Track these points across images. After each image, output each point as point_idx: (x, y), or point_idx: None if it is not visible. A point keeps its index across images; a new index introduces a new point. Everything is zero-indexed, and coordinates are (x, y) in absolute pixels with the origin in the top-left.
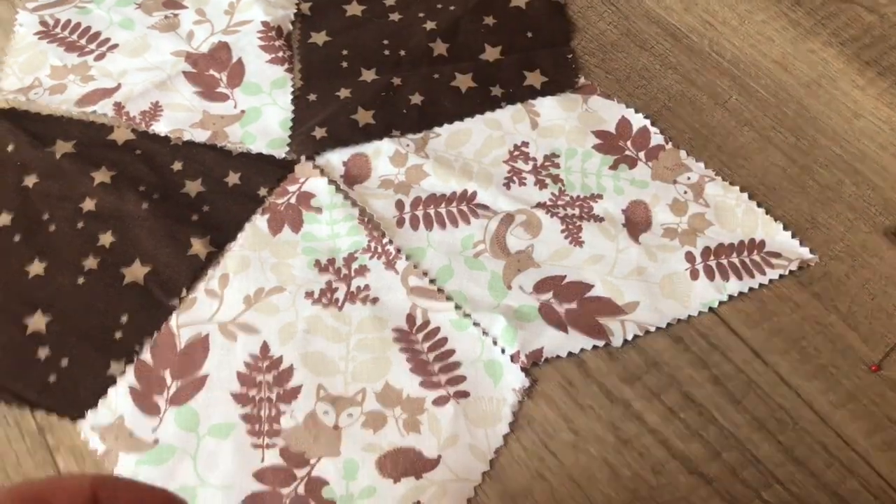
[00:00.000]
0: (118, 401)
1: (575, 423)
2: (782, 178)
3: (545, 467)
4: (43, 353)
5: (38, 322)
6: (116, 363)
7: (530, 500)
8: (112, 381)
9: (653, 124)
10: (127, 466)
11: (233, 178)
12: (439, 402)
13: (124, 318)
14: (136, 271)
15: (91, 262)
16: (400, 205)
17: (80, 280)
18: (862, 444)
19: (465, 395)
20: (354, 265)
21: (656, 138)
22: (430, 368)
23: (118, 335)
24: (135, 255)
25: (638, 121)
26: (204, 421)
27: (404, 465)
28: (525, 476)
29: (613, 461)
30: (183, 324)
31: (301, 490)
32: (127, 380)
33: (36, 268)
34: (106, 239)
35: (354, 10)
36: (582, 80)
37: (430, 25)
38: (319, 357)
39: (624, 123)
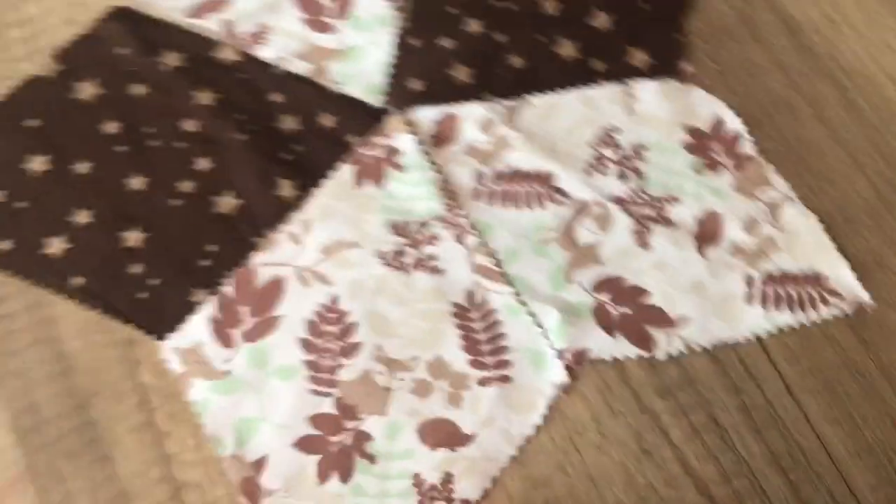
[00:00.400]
0: (199, 328)
1: (604, 425)
2: (862, 210)
3: (568, 462)
4: (136, 268)
5: (135, 238)
6: (200, 291)
7: (549, 489)
8: (195, 307)
9: (748, 130)
10: (199, 391)
11: (326, 120)
12: (484, 382)
13: (211, 247)
14: (227, 203)
15: (187, 186)
16: (480, 176)
17: (177, 202)
18: (868, 497)
19: (508, 380)
20: (426, 232)
21: (747, 146)
22: (481, 348)
23: (204, 263)
24: (227, 187)
25: (733, 123)
26: (272, 360)
27: (442, 435)
28: (548, 467)
29: (632, 468)
30: (263, 262)
31: (348, 441)
32: (208, 309)
33: (136, 182)
34: (203, 164)
35: None
36: (686, 68)
37: None
38: (382, 318)
39: (718, 123)
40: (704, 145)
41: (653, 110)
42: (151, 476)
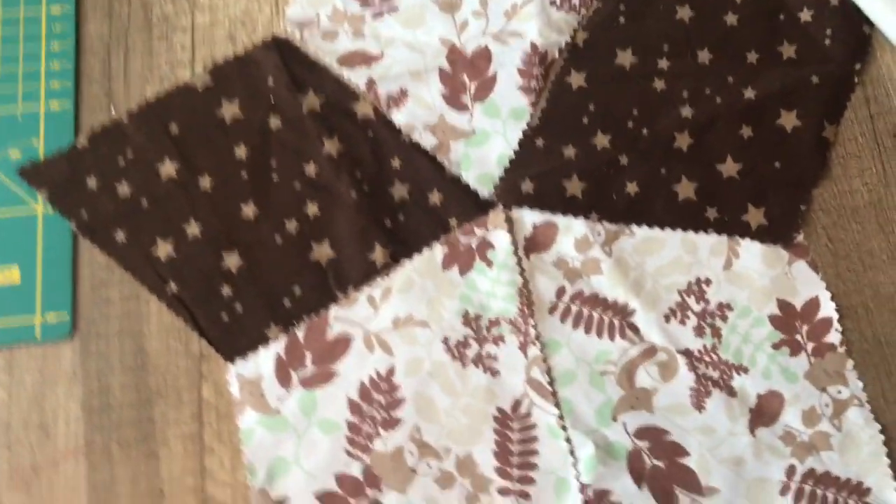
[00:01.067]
0: (265, 361)
1: None
2: None
3: None
4: (227, 290)
5: (233, 261)
6: (276, 327)
7: None
8: (266, 340)
9: (839, 320)
10: (249, 420)
11: (435, 198)
12: (504, 491)
13: (297, 290)
14: (323, 252)
15: (292, 226)
16: (561, 292)
17: (278, 238)
18: None
19: (527, 496)
20: (494, 331)
21: (834, 336)
22: (511, 459)
23: (286, 302)
24: (327, 236)
25: (827, 308)
26: (319, 411)
27: None
28: None
29: None
30: (337, 317)
31: None
32: (277, 346)
33: (248, 210)
34: (312, 210)
35: (625, 59)
36: (799, 239)
37: (686, 112)
38: (428, 402)
39: (812, 305)
40: (791, 324)
41: (750, 273)
42: (186, 483)
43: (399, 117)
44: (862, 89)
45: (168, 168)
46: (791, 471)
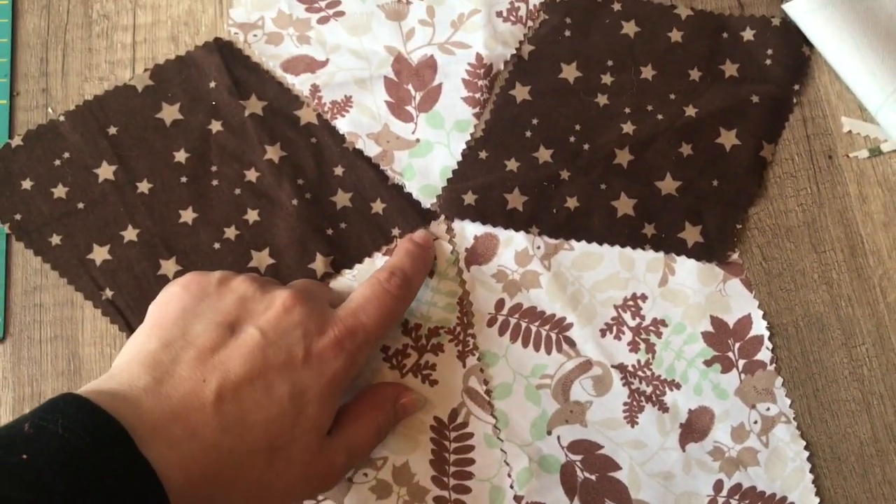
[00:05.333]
0: None
1: None
2: (852, 454)
3: None
4: None
5: (169, 267)
6: None
7: None
8: None
9: (770, 338)
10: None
11: (377, 207)
12: (439, 500)
13: None
14: (262, 259)
15: (231, 233)
16: (500, 304)
17: (217, 245)
18: None
19: None
20: (434, 340)
21: (764, 354)
22: (447, 468)
23: None
24: (267, 244)
25: (758, 326)
26: None
27: None
28: None
29: None
30: None
31: None
32: None
33: (187, 215)
34: (251, 216)
35: (570, 73)
36: (734, 257)
37: (627, 128)
38: None
39: (744, 323)
40: (724, 341)
41: (685, 290)
42: None
43: (343, 125)
44: (800, 110)
45: (105, 170)
46: (719, 485)
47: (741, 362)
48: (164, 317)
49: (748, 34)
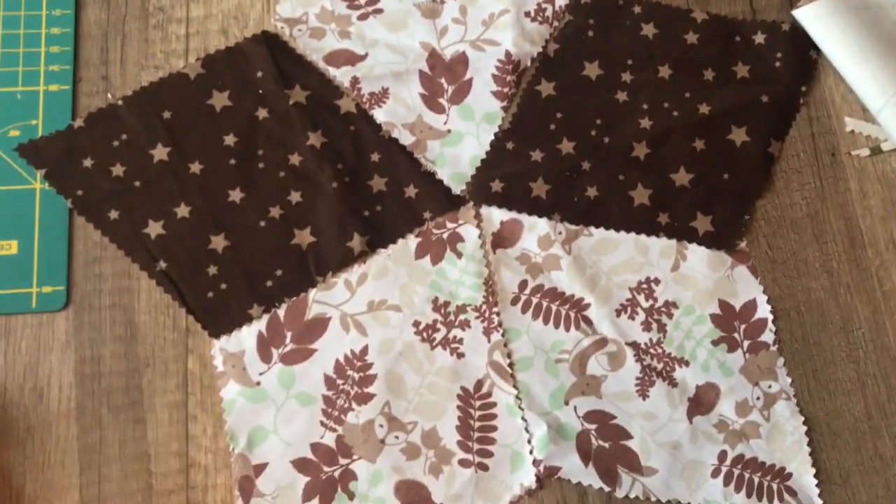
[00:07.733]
0: (247, 338)
1: None
2: (848, 428)
3: None
4: (212, 270)
5: (218, 242)
6: (258, 306)
7: None
8: (249, 319)
9: (774, 321)
10: (231, 391)
11: (410, 191)
12: (464, 463)
13: (279, 272)
14: (304, 237)
15: (275, 212)
16: (523, 285)
17: (262, 223)
18: None
19: (485, 467)
20: (461, 317)
21: (767, 336)
22: (471, 434)
23: (269, 284)
24: (308, 223)
25: (763, 310)
26: (297, 385)
27: (414, 497)
28: None
29: None
30: (317, 300)
31: (336, 474)
32: (259, 324)
33: (235, 195)
34: (294, 197)
35: (592, 70)
36: (741, 245)
37: (645, 123)
38: (398, 379)
39: (749, 306)
40: (730, 323)
41: (695, 275)
42: (171, 448)
43: (380, 115)
44: (806, 109)
45: (160, 152)
46: (723, 455)
47: (746, 343)
48: None
49: (759, 38)
